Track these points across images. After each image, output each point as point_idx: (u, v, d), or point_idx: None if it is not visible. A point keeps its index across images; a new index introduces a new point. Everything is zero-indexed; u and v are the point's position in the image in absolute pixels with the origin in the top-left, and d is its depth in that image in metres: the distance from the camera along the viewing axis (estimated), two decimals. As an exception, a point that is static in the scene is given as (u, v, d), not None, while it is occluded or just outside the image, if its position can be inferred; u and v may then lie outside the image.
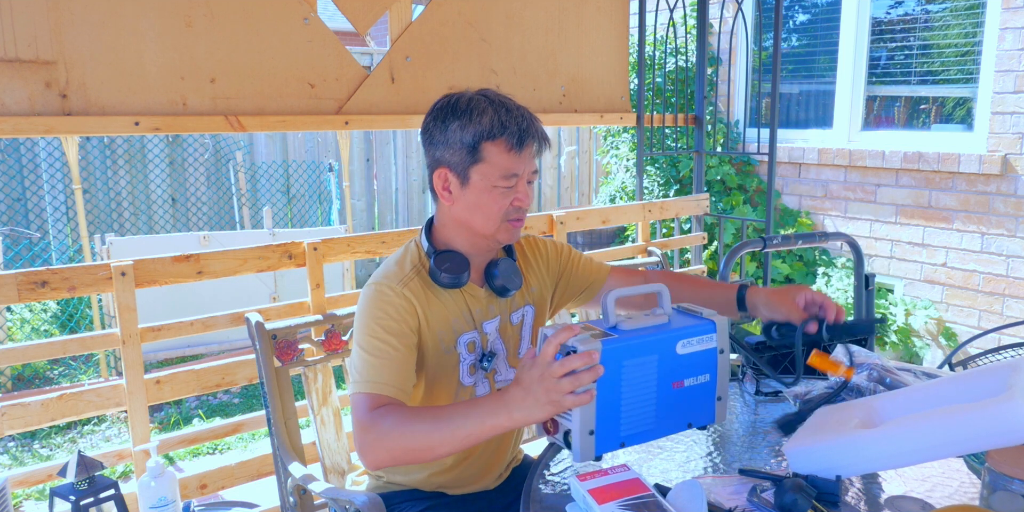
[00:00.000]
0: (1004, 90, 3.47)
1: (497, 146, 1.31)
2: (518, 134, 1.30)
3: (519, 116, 1.32)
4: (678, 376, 1.20)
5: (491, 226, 1.36)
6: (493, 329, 1.45)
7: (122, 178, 5.73)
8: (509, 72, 2.79)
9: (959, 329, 3.75)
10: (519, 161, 1.32)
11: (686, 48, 4.34)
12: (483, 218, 1.35)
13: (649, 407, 1.18)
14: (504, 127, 1.30)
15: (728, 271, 2.08)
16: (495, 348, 1.46)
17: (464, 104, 1.32)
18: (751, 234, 4.32)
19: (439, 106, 1.35)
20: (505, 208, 1.34)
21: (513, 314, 1.49)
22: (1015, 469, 0.99)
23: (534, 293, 1.53)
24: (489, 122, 1.30)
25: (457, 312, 1.41)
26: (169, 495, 1.91)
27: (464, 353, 1.42)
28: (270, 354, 1.66)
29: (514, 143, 1.30)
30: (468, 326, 1.42)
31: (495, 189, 1.32)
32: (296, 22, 2.29)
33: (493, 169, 1.32)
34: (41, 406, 1.94)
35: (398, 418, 1.22)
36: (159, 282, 2.05)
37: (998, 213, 3.54)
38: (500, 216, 1.35)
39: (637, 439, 1.19)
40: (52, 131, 1.99)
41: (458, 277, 1.36)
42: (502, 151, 1.31)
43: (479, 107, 1.31)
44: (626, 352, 1.14)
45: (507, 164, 1.31)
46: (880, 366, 1.45)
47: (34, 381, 3.96)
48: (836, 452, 1.12)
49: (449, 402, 1.42)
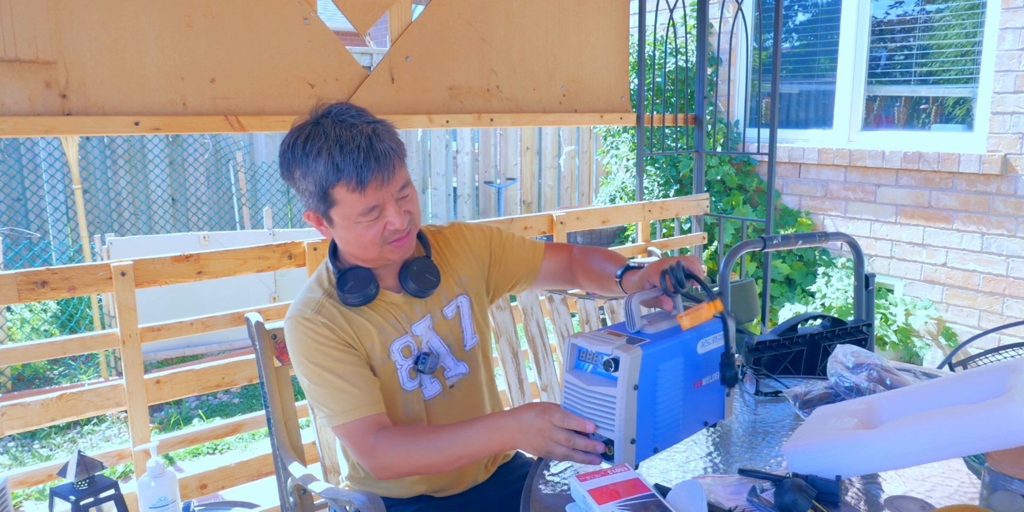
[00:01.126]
0: (1004, 90, 3.47)
1: (341, 190, 1.26)
2: (355, 172, 1.24)
3: (353, 150, 1.24)
4: (698, 376, 1.20)
5: (372, 253, 1.35)
6: (424, 329, 1.45)
7: (122, 178, 5.73)
8: (509, 72, 2.79)
9: (959, 329, 3.75)
10: (370, 195, 1.27)
11: (686, 48, 4.34)
12: (361, 249, 1.35)
13: (677, 409, 1.18)
14: (339, 170, 1.24)
15: (728, 271, 2.08)
16: (431, 347, 1.45)
17: (302, 146, 1.27)
18: (751, 234, 4.32)
19: (284, 148, 1.32)
20: (380, 235, 1.32)
21: (445, 309, 1.48)
22: (1015, 469, 0.99)
23: (465, 283, 1.51)
24: (324, 168, 1.25)
25: (381, 322, 1.41)
26: (169, 495, 1.90)
27: (400, 359, 1.42)
28: (270, 354, 1.66)
29: (355, 184, 1.25)
30: (397, 333, 1.42)
31: (359, 224, 1.31)
32: (296, 22, 2.29)
33: (349, 209, 1.29)
34: (41, 406, 1.94)
35: (397, 440, 1.29)
36: (159, 282, 2.05)
37: (998, 213, 3.54)
38: (377, 243, 1.33)
39: (667, 443, 1.19)
40: (52, 131, 1.99)
41: (364, 293, 1.37)
42: (348, 193, 1.27)
43: (315, 148, 1.25)
44: (661, 356, 1.13)
45: (359, 203, 1.28)
46: (880, 366, 1.45)
47: (34, 381, 3.97)
48: (836, 452, 1.12)
49: (396, 409, 1.43)
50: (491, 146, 6.88)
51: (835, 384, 1.46)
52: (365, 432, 1.31)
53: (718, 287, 2.06)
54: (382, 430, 1.31)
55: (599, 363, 1.10)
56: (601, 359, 1.09)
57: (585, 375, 1.13)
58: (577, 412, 1.14)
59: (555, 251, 1.59)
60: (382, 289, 1.42)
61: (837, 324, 2.04)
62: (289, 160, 1.31)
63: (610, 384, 1.09)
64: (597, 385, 1.10)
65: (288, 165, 1.31)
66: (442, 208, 6.78)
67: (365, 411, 1.32)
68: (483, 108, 2.75)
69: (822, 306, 4.02)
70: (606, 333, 1.14)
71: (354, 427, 1.31)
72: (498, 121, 2.79)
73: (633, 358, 1.08)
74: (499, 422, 1.23)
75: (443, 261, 1.51)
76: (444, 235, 1.54)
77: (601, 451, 1.13)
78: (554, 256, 1.59)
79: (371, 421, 1.31)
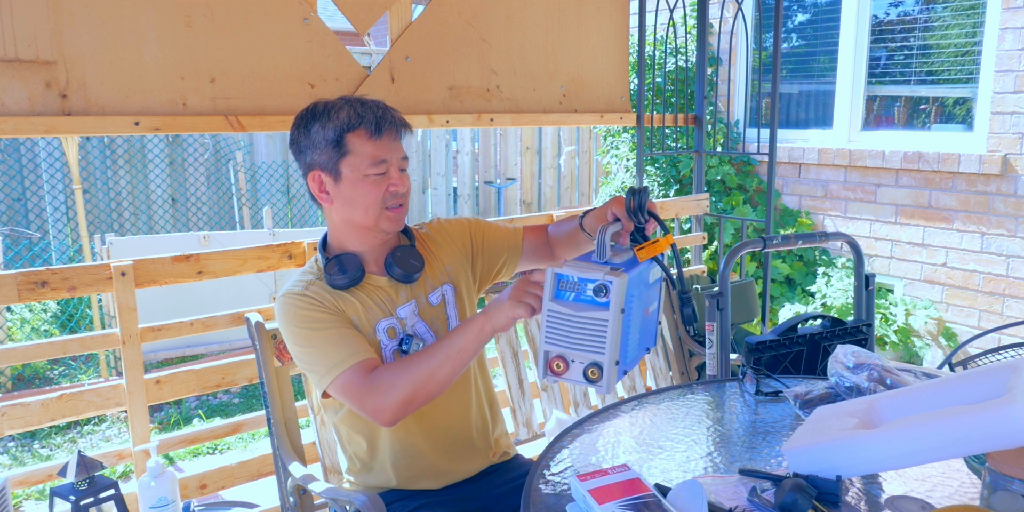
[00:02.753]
0: (1004, 90, 3.47)
1: (358, 136, 1.39)
2: (375, 121, 1.39)
3: (374, 106, 1.41)
4: (647, 304, 1.27)
5: (371, 216, 1.42)
6: (409, 313, 1.49)
7: (122, 178, 5.73)
8: (509, 72, 2.79)
9: (959, 329, 3.75)
10: (383, 147, 1.40)
11: (686, 48, 4.34)
12: (362, 210, 1.42)
13: (636, 334, 1.24)
14: (361, 117, 1.39)
15: (728, 271, 2.08)
16: (415, 330, 1.49)
17: (322, 107, 1.42)
18: (751, 234, 4.32)
19: (300, 115, 1.45)
20: (381, 196, 1.41)
21: (431, 296, 1.53)
22: (1015, 469, 0.99)
23: (449, 272, 1.57)
24: (346, 116, 1.39)
25: (368, 302, 1.46)
26: (169, 495, 1.91)
27: (385, 340, 1.46)
28: (270, 354, 1.66)
29: (373, 130, 1.38)
30: (383, 313, 1.47)
31: (367, 178, 1.39)
32: (296, 22, 2.29)
33: (360, 159, 1.39)
34: (41, 406, 1.94)
35: (391, 368, 1.34)
36: (159, 282, 2.05)
37: (998, 213, 3.54)
38: (378, 205, 1.41)
39: (630, 365, 1.24)
40: (52, 131, 1.99)
41: (350, 275, 1.43)
42: (364, 140, 1.39)
43: (335, 106, 1.41)
44: (635, 282, 1.19)
45: (372, 151, 1.39)
46: (880, 366, 1.45)
47: (34, 381, 3.97)
48: (836, 453, 1.12)
49: None
50: (491, 146, 6.88)
51: (835, 384, 1.46)
52: (359, 377, 1.35)
53: (718, 287, 2.07)
54: (375, 369, 1.36)
55: (585, 291, 1.15)
56: (588, 286, 1.14)
57: (569, 303, 1.17)
58: (563, 339, 1.18)
59: (532, 230, 1.67)
60: (368, 273, 1.47)
61: (837, 324, 2.04)
62: (308, 119, 1.42)
63: (601, 309, 1.14)
64: (587, 311, 1.15)
65: (306, 124, 1.42)
66: (442, 208, 6.78)
67: (355, 358, 1.36)
68: (483, 108, 2.75)
69: (822, 306, 4.03)
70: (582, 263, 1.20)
71: (347, 376, 1.35)
72: (498, 121, 2.79)
73: (621, 283, 1.13)
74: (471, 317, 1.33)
75: (427, 251, 1.56)
76: (427, 231, 1.61)
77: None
78: (532, 235, 1.66)
79: (362, 366, 1.36)
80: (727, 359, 2.07)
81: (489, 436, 1.62)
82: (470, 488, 1.56)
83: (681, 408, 1.54)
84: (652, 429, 1.44)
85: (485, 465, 1.59)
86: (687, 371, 2.68)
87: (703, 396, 1.61)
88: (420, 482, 1.53)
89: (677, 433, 1.42)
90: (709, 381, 1.79)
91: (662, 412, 1.53)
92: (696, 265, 3.55)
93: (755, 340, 1.89)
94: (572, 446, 1.37)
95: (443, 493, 1.53)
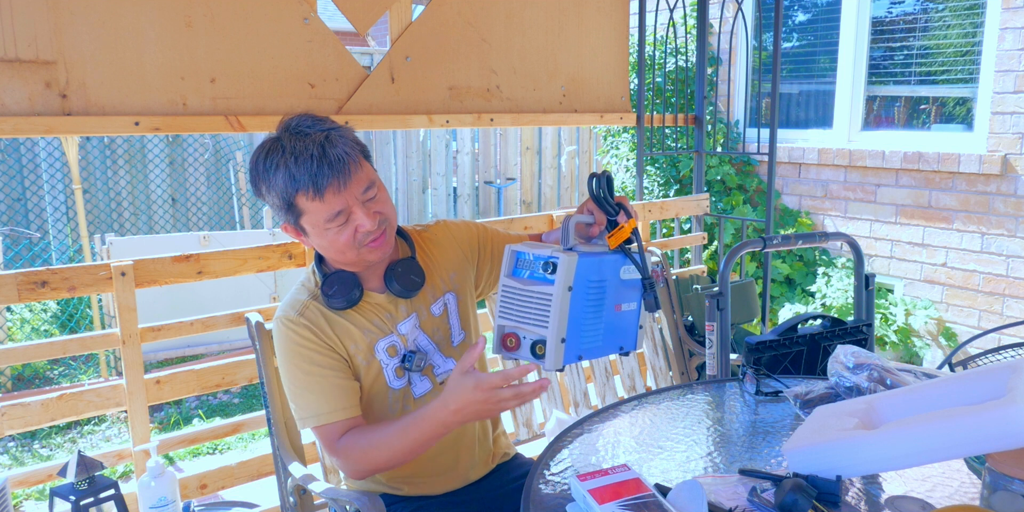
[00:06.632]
0: (1004, 90, 3.47)
1: (303, 198, 1.29)
2: (311, 181, 1.27)
3: (307, 158, 1.27)
4: (619, 300, 1.28)
5: (350, 256, 1.37)
6: (410, 327, 1.47)
7: (122, 178, 5.73)
8: (509, 72, 2.79)
9: (959, 329, 3.75)
10: (331, 201, 1.29)
11: (686, 48, 4.34)
12: (337, 253, 1.38)
13: (600, 325, 1.26)
14: (296, 181, 1.27)
15: (728, 271, 2.08)
16: (418, 345, 1.48)
17: (262, 162, 1.31)
18: (751, 234, 4.32)
19: (249, 167, 1.36)
20: (351, 238, 1.34)
21: (432, 306, 1.50)
22: (1015, 469, 0.99)
23: (454, 279, 1.53)
24: (283, 180, 1.28)
25: (365, 324, 1.43)
26: (169, 495, 1.90)
27: (385, 359, 1.44)
28: (270, 354, 1.66)
29: (312, 192, 1.28)
30: (381, 333, 1.44)
31: (329, 230, 1.33)
32: (296, 22, 2.29)
33: (315, 216, 1.31)
34: (41, 406, 1.94)
35: (361, 439, 1.35)
36: (159, 282, 2.05)
37: (998, 213, 3.54)
38: (352, 246, 1.35)
39: (589, 354, 1.27)
40: (52, 131, 1.99)
41: (348, 297, 1.40)
42: (309, 201, 1.29)
43: (273, 163, 1.29)
44: (592, 266, 1.22)
45: (321, 209, 1.30)
46: (880, 366, 1.45)
47: (34, 381, 3.97)
48: (836, 453, 1.12)
49: (385, 408, 1.46)
50: (491, 146, 6.88)
51: (835, 384, 1.46)
52: (333, 436, 1.37)
53: (718, 287, 2.07)
54: (349, 432, 1.37)
55: (537, 267, 1.20)
56: (539, 263, 1.20)
57: (522, 280, 1.23)
58: (514, 314, 1.22)
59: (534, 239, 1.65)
60: (366, 291, 1.44)
61: (837, 324, 2.04)
62: (255, 178, 1.34)
63: (547, 284, 1.19)
64: (535, 285, 1.20)
65: (255, 183, 1.35)
66: (442, 208, 6.78)
67: (339, 415, 1.37)
68: (483, 108, 2.75)
69: (822, 306, 4.03)
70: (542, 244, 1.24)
71: (324, 430, 1.38)
72: (498, 121, 2.79)
73: (570, 260, 1.17)
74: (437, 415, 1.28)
75: (429, 259, 1.52)
76: (430, 233, 1.57)
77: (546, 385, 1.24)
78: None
79: (340, 426, 1.37)
80: (727, 359, 2.07)
81: (489, 438, 1.61)
82: (470, 488, 1.56)
83: (681, 408, 1.54)
84: (652, 429, 1.44)
85: (485, 471, 1.59)
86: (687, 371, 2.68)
87: (703, 396, 1.61)
88: (420, 486, 1.53)
89: (677, 433, 1.42)
90: (709, 381, 1.79)
91: (662, 412, 1.53)
92: (696, 265, 3.55)
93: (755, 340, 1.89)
94: (572, 446, 1.37)
95: (443, 494, 1.53)
